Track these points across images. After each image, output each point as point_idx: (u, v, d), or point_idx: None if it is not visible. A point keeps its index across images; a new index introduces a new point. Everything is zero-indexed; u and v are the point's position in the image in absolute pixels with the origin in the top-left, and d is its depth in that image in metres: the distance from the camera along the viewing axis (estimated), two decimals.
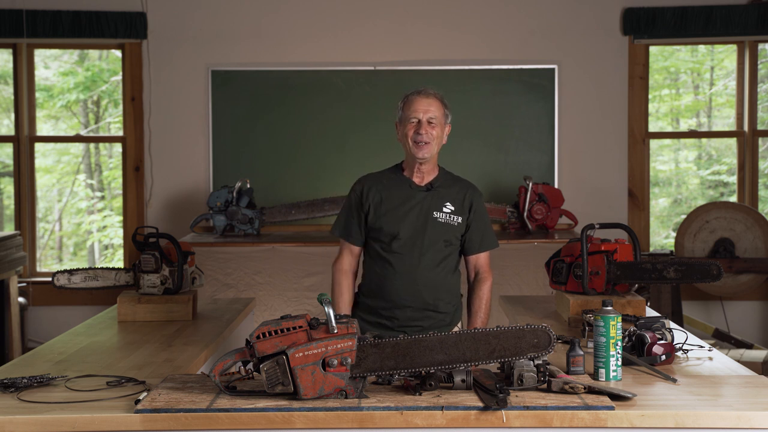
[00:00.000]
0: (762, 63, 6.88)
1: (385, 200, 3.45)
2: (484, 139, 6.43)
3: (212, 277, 5.51)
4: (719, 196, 7.61)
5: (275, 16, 6.51)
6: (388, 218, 3.43)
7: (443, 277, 3.46)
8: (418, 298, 3.42)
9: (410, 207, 3.44)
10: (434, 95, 3.44)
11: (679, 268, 3.48)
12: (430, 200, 3.45)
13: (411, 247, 3.42)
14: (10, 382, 2.64)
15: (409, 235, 3.42)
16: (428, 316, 3.44)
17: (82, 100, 7.78)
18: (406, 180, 3.48)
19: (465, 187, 3.52)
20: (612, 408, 2.36)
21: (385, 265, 3.45)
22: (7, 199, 7.37)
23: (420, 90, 3.45)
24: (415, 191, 3.46)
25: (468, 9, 6.51)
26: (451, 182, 3.51)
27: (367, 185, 3.49)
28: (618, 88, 6.52)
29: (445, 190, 3.47)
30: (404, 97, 3.48)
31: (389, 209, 3.44)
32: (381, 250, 3.46)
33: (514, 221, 6.07)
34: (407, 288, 3.42)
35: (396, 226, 3.42)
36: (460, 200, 3.47)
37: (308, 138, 6.41)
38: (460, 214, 3.46)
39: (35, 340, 6.36)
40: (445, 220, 3.44)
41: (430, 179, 3.48)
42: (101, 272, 3.89)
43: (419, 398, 2.44)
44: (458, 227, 3.46)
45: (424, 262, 3.41)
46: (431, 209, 3.44)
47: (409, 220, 3.42)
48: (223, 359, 2.51)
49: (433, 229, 3.43)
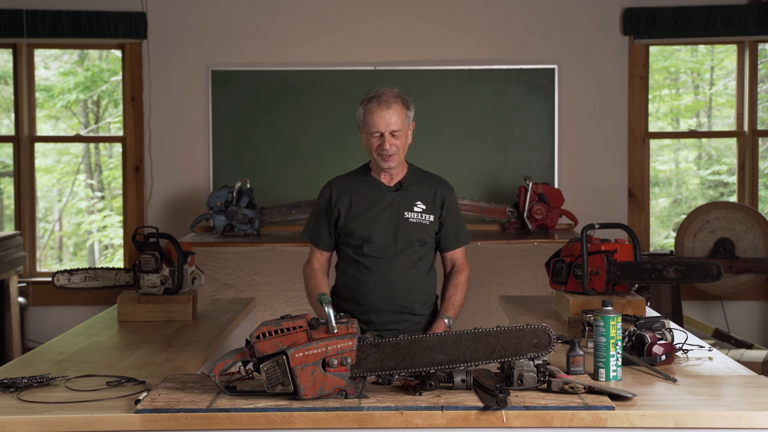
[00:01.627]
0: (762, 63, 6.88)
1: (355, 204, 3.40)
2: (484, 139, 6.43)
3: (212, 277, 5.51)
4: (719, 196, 7.61)
5: (275, 16, 6.51)
6: (358, 222, 3.38)
7: (418, 278, 3.41)
8: (394, 302, 3.37)
9: (381, 209, 3.39)
10: (395, 101, 3.32)
11: (679, 268, 3.48)
12: (400, 200, 3.40)
13: (384, 249, 3.37)
14: (10, 382, 2.64)
15: (382, 237, 3.37)
16: (404, 319, 3.39)
17: (82, 100, 7.78)
18: (375, 181, 3.43)
19: (435, 184, 3.46)
20: (612, 408, 2.36)
21: (359, 268, 3.39)
22: (7, 199, 7.37)
23: (380, 97, 3.31)
24: (384, 192, 3.41)
25: (468, 9, 6.51)
26: (421, 179, 3.46)
27: (336, 189, 3.43)
28: (618, 88, 6.52)
29: (415, 188, 3.42)
30: (365, 102, 3.34)
31: (359, 213, 3.39)
32: (354, 254, 3.41)
33: (514, 221, 6.07)
34: (383, 291, 3.37)
35: (368, 230, 3.37)
36: (431, 198, 3.42)
37: (308, 138, 6.41)
38: (432, 213, 3.41)
39: (35, 340, 6.36)
40: (417, 219, 3.39)
41: (399, 179, 3.42)
42: (101, 272, 3.89)
43: (419, 398, 2.44)
44: (431, 226, 3.41)
45: (398, 265, 3.37)
46: (402, 210, 3.39)
47: (380, 222, 3.37)
48: (223, 359, 2.51)
49: (406, 230, 3.38)
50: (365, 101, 3.35)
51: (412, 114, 3.40)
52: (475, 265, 5.53)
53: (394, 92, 3.35)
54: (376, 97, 3.33)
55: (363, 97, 3.38)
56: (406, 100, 3.38)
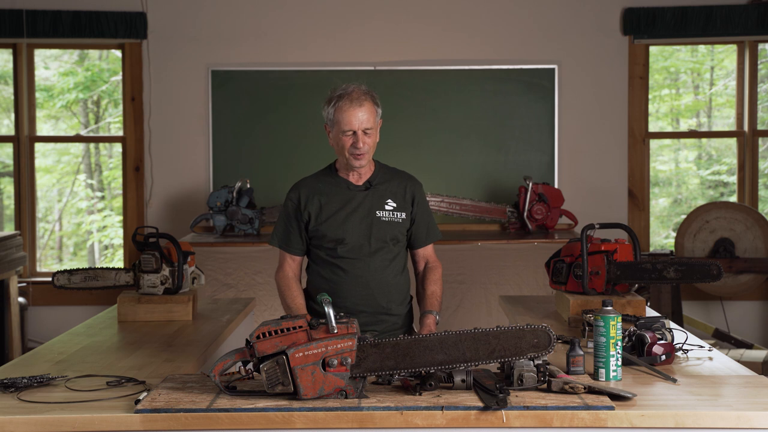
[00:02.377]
0: (762, 63, 6.88)
1: (325, 206, 3.34)
2: (484, 139, 6.43)
3: (212, 277, 5.51)
4: (719, 196, 7.61)
5: (275, 17, 6.51)
6: (330, 224, 3.32)
7: (393, 277, 3.36)
8: (372, 302, 3.33)
9: (352, 209, 3.33)
10: (365, 98, 3.24)
11: (679, 268, 3.48)
12: (371, 199, 3.34)
13: (359, 250, 3.31)
14: (10, 382, 2.64)
15: (356, 238, 3.31)
16: (382, 320, 3.34)
17: (82, 100, 7.78)
18: (343, 181, 3.36)
19: (404, 180, 3.40)
20: (612, 408, 2.36)
21: (334, 270, 3.34)
22: (7, 199, 7.37)
23: (350, 93, 3.23)
24: (354, 192, 3.35)
25: (468, 9, 6.51)
26: (390, 176, 3.40)
27: (304, 192, 3.37)
28: (618, 88, 6.52)
29: (384, 186, 3.37)
30: (333, 100, 3.24)
31: (330, 214, 3.33)
32: (327, 256, 3.35)
33: (514, 221, 6.07)
34: (360, 292, 3.32)
35: (340, 231, 3.31)
36: (401, 195, 3.37)
37: (308, 138, 6.40)
38: (403, 210, 3.36)
39: (35, 340, 6.36)
40: (389, 218, 3.34)
41: (367, 177, 3.37)
42: (101, 272, 3.89)
43: (419, 398, 2.44)
44: (403, 223, 3.36)
45: (374, 265, 3.32)
46: (374, 209, 3.33)
47: (352, 222, 3.32)
48: (223, 359, 2.51)
49: (379, 229, 3.32)
50: (334, 99, 3.25)
51: (380, 111, 3.32)
52: (475, 265, 5.58)
53: (363, 89, 3.27)
54: (346, 94, 3.23)
55: (329, 94, 3.28)
56: (374, 97, 3.30)
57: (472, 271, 5.55)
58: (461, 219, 6.15)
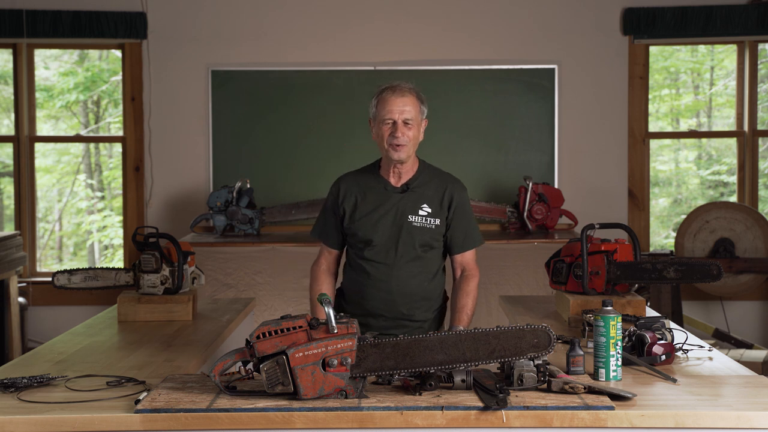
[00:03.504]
0: (762, 63, 6.88)
1: (360, 204, 3.33)
2: (484, 139, 6.43)
3: (212, 277, 5.51)
4: (719, 196, 7.61)
5: (275, 16, 6.51)
6: (362, 223, 3.32)
7: (419, 284, 3.33)
8: (392, 308, 3.32)
9: (385, 211, 3.32)
10: (410, 91, 3.28)
11: (679, 268, 3.48)
12: (405, 203, 3.32)
13: (385, 254, 3.30)
14: (10, 382, 2.64)
15: (383, 241, 3.30)
16: (402, 325, 3.33)
17: (82, 100, 7.78)
18: (382, 181, 3.35)
19: (444, 183, 3.36)
20: (612, 408, 2.36)
21: (360, 272, 3.35)
22: (7, 199, 7.37)
23: (394, 87, 3.28)
24: (390, 193, 3.33)
25: (468, 9, 6.51)
26: (430, 178, 3.37)
27: (344, 187, 3.37)
28: (618, 88, 6.52)
29: (422, 189, 3.34)
30: (378, 93, 3.30)
31: (363, 214, 3.32)
32: (356, 256, 3.36)
33: (514, 221, 6.07)
34: (381, 297, 3.31)
35: (369, 232, 3.30)
36: (438, 199, 3.33)
37: (308, 138, 6.41)
38: (438, 216, 3.32)
39: (35, 340, 6.36)
40: (420, 224, 3.30)
41: (407, 179, 3.35)
42: (101, 272, 3.89)
43: (419, 398, 2.44)
44: (436, 230, 3.32)
45: (398, 271, 3.30)
46: (406, 213, 3.31)
47: (383, 225, 3.30)
48: (223, 359, 2.51)
49: (408, 234, 3.30)
50: (379, 92, 3.30)
51: (425, 110, 3.34)
52: None
53: (409, 85, 3.32)
54: (390, 87, 3.29)
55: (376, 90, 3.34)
56: (420, 94, 3.33)
57: None
58: None
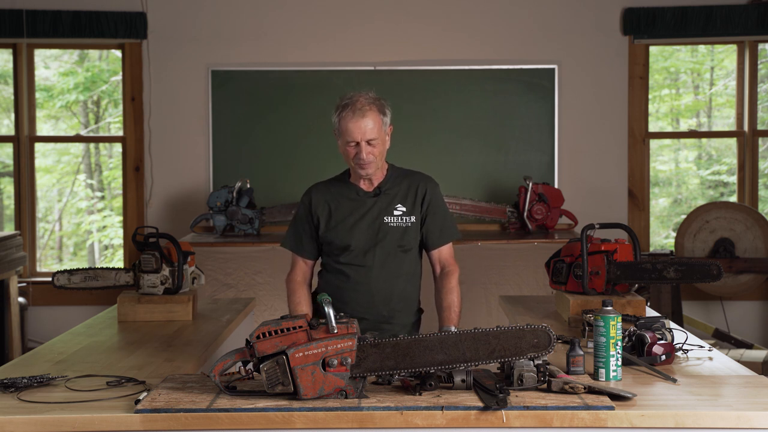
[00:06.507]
0: (762, 63, 6.88)
1: (334, 212, 3.33)
2: (484, 139, 6.43)
3: (212, 277, 5.51)
4: (719, 196, 7.61)
5: (275, 16, 6.51)
6: (338, 230, 3.32)
7: (398, 286, 3.33)
8: (373, 311, 3.32)
9: (360, 216, 3.32)
10: (370, 108, 3.20)
11: (679, 268, 3.48)
12: (380, 205, 3.32)
13: (363, 257, 3.30)
14: (10, 382, 2.64)
15: (361, 245, 3.30)
16: (382, 328, 3.31)
17: (82, 100, 7.78)
18: (354, 188, 3.35)
19: (416, 181, 3.35)
20: (612, 408, 2.36)
21: (339, 277, 3.34)
22: (7, 199, 7.37)
23: (354, 103, 3.20)
24: (363, 198, 3.33)
25: (468, 9, 6.51)
26: (401, 179, 3.37)
27: (315, 197, 3.36)
28: (618, 88, 6.52)
29: (395, 190, 3.34)
30: (338, 110, 3.23)
31: (339, 221, 3.32)
32: (334, 262, 3.35)
33: (514, 221, 6.07)
34: (362, 300, 3.31)
35: (347, 238, 3.30)
36: (411, 197, 3.34)
37: (308, 138, 6.40)
38: (413, 213, 3.33)
39: (35, 340, 6.36)
40: (396, 223, 3.31)
41: (378, 183, 3.35)
42: (101, 272, 3.89)
43: (419, 398, 2.44)
44: (413, 227, 3.33)
45: (377, 273, 3.30)
46: (381, 215, 3.31)
47: (359, 229, 3.31)
48: (223, 359, 2.51)
49: (386, 235, 3.30)
50: (339, 108, 3.24)
51: (388, 119, 3.29)
52: (475, 265, 5.57)
53: (368, 97, 3.25)
54: (350, 104, 3.21)
55: (337, 102, 3.27)
56: (381, 104, 3.27)
57: (472, 271, 5.54)
58: (461, 219, 6.15)
